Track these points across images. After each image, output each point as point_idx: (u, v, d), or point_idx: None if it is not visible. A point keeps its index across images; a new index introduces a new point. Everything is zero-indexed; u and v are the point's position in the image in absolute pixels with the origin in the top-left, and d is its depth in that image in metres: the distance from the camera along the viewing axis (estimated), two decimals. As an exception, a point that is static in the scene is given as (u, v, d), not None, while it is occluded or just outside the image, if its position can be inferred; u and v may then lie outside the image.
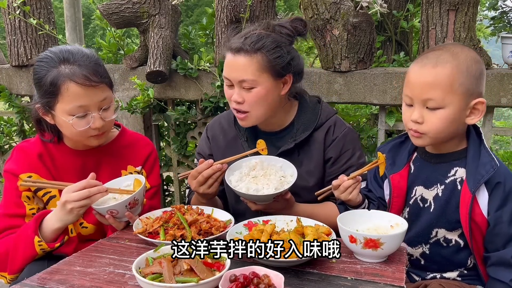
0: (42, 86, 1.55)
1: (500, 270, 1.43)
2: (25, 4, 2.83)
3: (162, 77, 2.61)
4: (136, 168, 1.79)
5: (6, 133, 3.19)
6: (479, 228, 1.47)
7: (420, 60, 1.46)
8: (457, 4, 2.23)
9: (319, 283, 1.21)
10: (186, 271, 1.14)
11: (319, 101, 1.86)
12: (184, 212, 1.52)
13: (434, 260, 1.57)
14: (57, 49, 1.60)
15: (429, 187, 1.55)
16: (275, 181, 1.59)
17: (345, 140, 1.76)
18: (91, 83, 1.53)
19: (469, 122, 1.45)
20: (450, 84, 1.39)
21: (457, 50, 1.44)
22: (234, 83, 1.65)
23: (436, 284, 1.48)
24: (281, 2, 12.44)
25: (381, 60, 2.64)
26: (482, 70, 1.44)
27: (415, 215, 1.56)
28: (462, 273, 1.55)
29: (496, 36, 4.25)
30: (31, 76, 2.97)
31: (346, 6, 2.38)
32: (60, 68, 1.54)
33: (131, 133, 1.88)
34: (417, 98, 1.44)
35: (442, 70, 1.40)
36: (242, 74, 1.62)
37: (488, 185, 1.44)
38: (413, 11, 2.86)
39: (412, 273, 1.62)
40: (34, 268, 1.46)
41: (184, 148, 2.83)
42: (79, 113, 1.55)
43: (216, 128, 1.92)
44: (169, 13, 2.70)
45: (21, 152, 1.71)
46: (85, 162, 1.71)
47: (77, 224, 1.74)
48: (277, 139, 1.80)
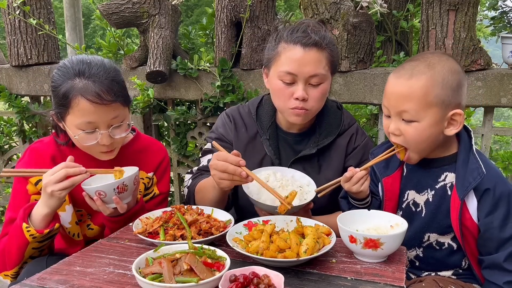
0: (56, 96, 1.53)
1: (494, 273, 1.43)
2: (25, 4, 2.83)
3: (162, 77, 2.61)
4: (147, 174, 1.77)
5: (6, 133, 3.19)
6: (471, 233, 1.47)
7: (397, 71, 1.44)
8: (457, 4, 2.22)
9: (319, 283, 1.21)
10: (186, 271, 1.14)
11: (338, 106, 1.83)
12: (184, 212, 1.52)
13: (428, 262, 1.58)
14: (76, 60, 1.55)
15: (420, 191, 1.55)
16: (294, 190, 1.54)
17: (365, 150, 1.76)
18: (102, 101, 1.49)
19: (448, 133, 1.43)
20: (424, 96, 1.37)
21: (434, 60, 1.40)
22: (301, 79, 1.58)
23: (430, 279, 1.48)
24: (281, 2, 12.44)
25: (381, 60, 2.64)
26: (460, 81, 1.40)
27: (407, 218, 1.55)
28: (457, 272, 1.56)
29: (496, 36, 4.25)
30: (31, 76, 2.98)
31: (346, 6, 2.38)
32: (75, 82, 1.50)
33: (145, 137, 1.85)
34: (393, 109, 1.43)
35: (416, 82, 1.38)
36: (314, 69, 1.57)
37: (477, 192, 1.43)
38: (413, 11, 2.86)
39: (408, 272, 1.62)
40: (34, 268, 1.46)
41: (184, 148, 2.83)
42: (87, 129, 1.52)
43: (238, 118, 1.83)
44: (169, 13, 2.70)
45: (34, 154, 1.68)
46: (98, 166, 1.69)
47: (84, 226, 1.74)
48: (296, 141, 1.76)
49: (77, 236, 1.72)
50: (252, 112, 1.82)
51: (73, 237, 1.72)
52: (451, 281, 1.50)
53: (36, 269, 1.33)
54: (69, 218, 1.67)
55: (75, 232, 1.71)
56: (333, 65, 1.64)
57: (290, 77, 1.59)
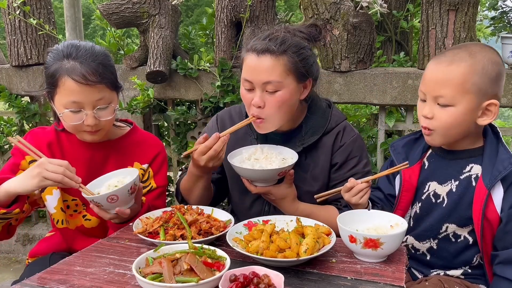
0: (46, 76, 1.61)
1: (507, 268, 1.42)
2: (25, 4, 2.83)
3: (162, 77, 2.61)
4: (142, 166, 1.78)
5: (6, 133, 3.19)
6: (491, 226, 1.47)
7: (437, 57, 1.47)
8: (457, 4, 2.23)
9: (319, 283, 1.21)
10: (186, 271, 1.14)
11: (330, 105, 1.83)
12: (184, 212, 1.52)
13: (440, 256, 1.57)
14: (68, 43, 1.63)
15: (443, 182, 1.55)
16: (277, 161, 1.59)
17: (353, 147, 1.74)
18: (87, 82, 1.55)
19: (481, 123, 1.45)
20: (462, 83, 1.39)
21: (476, 49, 1.43)
22: (257, 86, 1.58)
23: (436, 279, 1.48)
24: (281, 2, 12.44)
25: (381, 60, 2.64)
26: (499, 72, 1.43)
27: (426, 210, 1.55)
28: (466, 272, 1.55)
29: (496, 36, 4.24)
30: (31, 76, 2.98)
31: (346, 6, 2.38)
32: (63, 62, 1.57)
33: (142, 132, 1.88)
34: (429, 94, 1.45)
35: (456, 68, 1.40)
36: (267, 76, 1.56)
37: (505, 182, 1.44)
38: (413, 11, 2.86)
39: (415, 270, 1.62)
40: (34, 268, 1.46)
41: (184, 148, 2.83)
42: (72, 108, 1.57)
43: (227, 120, 1.87)
44: (169, 13, 2.70)
45: (34, 137, 1.74)
46: (93, 154, 1.72)
47: (80, 217, 1.75)
48: (283, 140, 1.77)
49: (61, 223, 1.72)
50: (242, 111, 1.84)
51: (56, 224, 1.73)
52: (457, 282, 1.50)
53: (36, 269, 1.33)
54: (54, 202, 1.70)
55: (59, 219, 1.72)
56: (296, 71, 1.59)
57: (248, 83, 1.61)
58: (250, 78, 1.59)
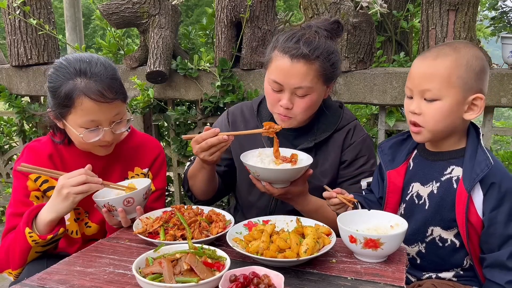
0: (57, 97, 1.54)
1: (495, 272, 1.42)
2: (25, 4, 2.83)
3: (162, 77, 2.61)
4: (142, 170, 1.78)
5: (6, 133, 3.19)
6: (475, 229, 1.47)
7: (423, 54, 1.50)
8: (457, 4, 2.23)
9: (319, 283, 1.21)
10: (186, 271, 1.14)
11: (341, 106, 1.86)
12: (184, 212, 1.52)
13: (430, 260, 1.57)
14: (74, 59, 1.56)
15: (425, 183, 1.56)
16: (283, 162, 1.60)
17: (362, 145, 1.77)
18: (105, 99, 1.51)
19: (467, 117, 1.46)
20: (448, 76, 1.41)
21: (460, 45, 1.46)
22: (287, 89, 1.60)
23: (429, 284, 1.48)
24: (281, 2, 12.44)
25: (381, 60, 2.64)
26: (483, 67, 1.44)
27: (410, 211, 1.56)
28: (458, 274, 1.55)
29: (496, 36, 4.24)
30: (31, 76, 2.98)
31: (346, 6, 2.38)
32: (76, 81, 1.51)
33: (140, 134, 1.87)
34: (416, 89, 1.46)
35: (441, 62, 1.42)
36: (300, 82, 1.58)
37: (483, 185, 1.44)
38: (413, 11, 2.86)
39: (408, 274, 1.62)
40: (34, 268, 1.45)
41: (184, 148, 2.83)
42: (90, 127, 1.55)
43: (238, 115, 1.89)
44: (169, 13, 2.70)
45: (32, 152, 1.69)
46: (94, 164, 1.69)
47: (82, 224, 1.74)
48: (295, 136, 1.79)
49: (75, 233, 1.72)
50: (254, 108, 1.87)
51: (71, 234, 1.72)
52: (449, 284, 1.50)
53: (36, 269, 1.33)
54: (68, 215, 1.67)
55: (73, 230, 1.72)
56: (325, 76, 1.62)
57: (277, 85, 1.62)
58: (281, 81, 1.60)
